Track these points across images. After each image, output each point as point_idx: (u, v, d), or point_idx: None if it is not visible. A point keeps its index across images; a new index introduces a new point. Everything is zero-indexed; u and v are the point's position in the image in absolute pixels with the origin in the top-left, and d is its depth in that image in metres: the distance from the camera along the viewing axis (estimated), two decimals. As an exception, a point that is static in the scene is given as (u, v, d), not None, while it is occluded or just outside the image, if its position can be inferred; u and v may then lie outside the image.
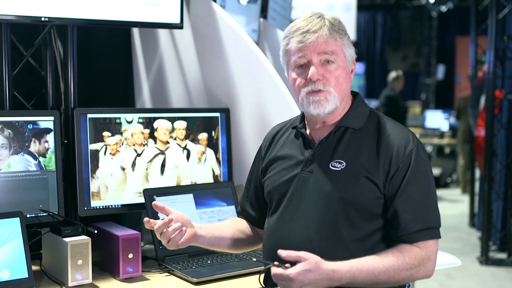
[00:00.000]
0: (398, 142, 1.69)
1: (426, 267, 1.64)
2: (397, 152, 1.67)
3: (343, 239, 1.65)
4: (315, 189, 1.70)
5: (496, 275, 5.21)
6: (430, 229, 1.66)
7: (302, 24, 1.70)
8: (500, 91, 5.57)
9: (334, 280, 1.56)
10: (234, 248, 1.92)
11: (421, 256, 1.63)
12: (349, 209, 1.65)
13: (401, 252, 1.63)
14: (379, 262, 1.60)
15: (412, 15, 14.29)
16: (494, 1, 5.37)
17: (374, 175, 1.65)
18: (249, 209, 1.96)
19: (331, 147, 1.73)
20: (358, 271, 1.58)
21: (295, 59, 1.71)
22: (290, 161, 1.79)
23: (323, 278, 1.54)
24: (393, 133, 1.71)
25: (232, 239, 1.89)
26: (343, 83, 1.71)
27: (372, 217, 1.67)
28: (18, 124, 2.09)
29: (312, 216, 1.68)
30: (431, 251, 1.65)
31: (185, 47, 2.72)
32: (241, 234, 1.93)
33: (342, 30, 1.72)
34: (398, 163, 1.66)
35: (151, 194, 2.26)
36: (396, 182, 1.66)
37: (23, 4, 2.13)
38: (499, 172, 5.64)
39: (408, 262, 1.62)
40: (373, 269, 1.59)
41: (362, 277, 1.58)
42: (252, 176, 1.97)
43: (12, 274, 1.86)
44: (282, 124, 1.94)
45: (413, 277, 1.64)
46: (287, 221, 1.73)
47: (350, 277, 1.57)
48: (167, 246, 1.72)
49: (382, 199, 1.67)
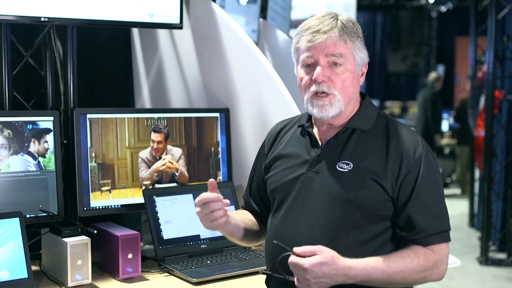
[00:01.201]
0: (407, 146, 1.68)
1: (439, 270, 1.64)
2: (407, 156, 1.66)
3: (348, 240, 1.64)
4: (321, 189, 1.69)
5: (495, 275, 5.21)
6: (442, 233, 1.66)
7: (314, 23, 1.68)
8: (499, 92, 5.57)
9: (349, 276, 1.55)
10: (245, 240, 1.89)
11: (434, 259, 1.63)
12: (355, 211, 1.64)
13: (415, 254, 1.63)
14: (395, 262, 1.60)
15: (412, 16, 14.28)
16: (493, 1, 5.38)
17: (382, 178, 1.64)
18: (254, 205, 1.94)
19: (339, 147, 1.71)
20: (374, 269, 1.57)
21: (303, 57, 1.69)
22: (296, 160, 1.77)
23: (338, 273, 1.54)
24: (402, 136, 1.70)
25: (245, 230, 1.86)
26: (349, 86, 1.69)
27: (378, 219, 1.66)
28: (17, 124, 2.09)
29: (318, 217, 1.67)
30: (443, 253, 1.65)
31: (185, 48, 2.72)
32: (253, 225, 1.91)
33: (355, 32, 1.69)
34: (408, 167, 1.65)
35: (151, 194, 2.26)
36: (407, 187, 1.65)
37: (22, 4, 2.13)
38: (499, 172, 5.65)
39: (422, 264, 1.62)
40: (388, 269, 1.58)
41: (377, 276, 1.58)
42: (255, 172, 1.94)
43: (12, 274, 1.86)
44: (287, 121, 1.92)
45: (425, 279, 1.64)
46: (291, 221, 1.72)
47: (365, 275, 1.57)
48: (204, 221, 1.70)
49: (390, 202, 1.66)
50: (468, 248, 5.99)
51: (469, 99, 7.08)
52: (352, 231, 1.64)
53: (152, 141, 2.38)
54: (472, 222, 6.88)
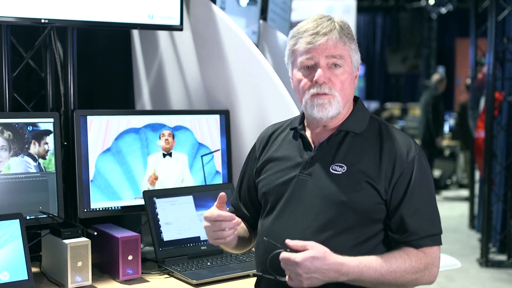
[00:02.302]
0: (400, 148, 1.68)
1: (431, 273, 1.65)
2: (400, 158, 1.66)
3: (341, 243, 1.64)
4: (314, 192, 1.69)
5: (496, 277, 5.20)
6: (434, 236, 1.67)
7: (311, 25, 1.68)
8: (499, 93, 5.57)
9: (341, 273, 1.55)
10: (238, 247, 1.89)
11: (426, 261, 1.64)
12: (349, 213, 1.64)
13: (408, 255, 1.63)
14: (387, 261, 1.60)
15: (412, 17, 14.30)
16: (493, 3, 5.38)
17: (376, 180, 1.65)
18: (244, 209, 1.93)
19: (332, 150, 1.72)
20: (366, 268, 1.57)
21: (302, 59, 1.69)
22: (288, 163, 1.77)
23: (330, 269, 1.54)
24: (395, 139, 1.71)
25: (239, 238, 1.86)
26: (347, 88, 1.70)
27: (371, 222, 1.66)
28: (18, 126, 2.09)
29: (311, 219, 1.67)
30: (435, 257, 1.66)
31: (185, 49, 2.72)
32: (244, 232, 1.91)
33: (351, 34, 1.71)
34: (401, 169, 1.65)
35: (151, 195, 2.26)
36: (400, 189, 1.65)
37: (23, 6, 2.13)
38: (499, 174, 5.64)
39: (414, 265, 1.62)
40: (380, 268, 1.59)
41: (370, 275, 1.58)
42: (245, 176, 1.93)
43: (12, 276, 1.86)
44: (278, 124, 1.92)
45: (417, 282, 1.65)
46: (283, 223, 1.71)
47: (358, 273, 1.57)
48: (210, 237, 1.72)
49: (383, 204, 1.66)
50: (468, 249, 5.98)
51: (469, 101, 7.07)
52: (345, 234, 1.64)
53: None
54: (472, 224, 6.88)
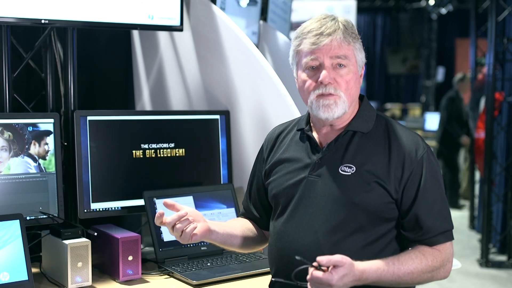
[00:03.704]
0: (409, 147, 1.68)
1: (445, 269, 1.66)
2: (409, 157, 1.66)
3: (352, 243, 1.64)
4: (323, 193, 1.68)
5: (496, 277, 5.20)
6: (447, 232, 1.67)
7: (315, 25, 1.67)
8: (500, 94, 5.57)
9: (361, 280, 1.56)
10: (244, 247, 1.90)
11: (441, 259, 1.65)
12: (360, 214, 1.64)
13: (424, 255, 1.63)
14: (405, 264, 1.61)
15: (412, 18, 14.29)
16: (493, 3, 5.38)
17: (385, 180, 1.64)
18: (254, 211, 1.94)
19: (340, 151, 1.71)
20: (385, 272, 1.58)
21: (306, 60, 1.68)
22: (296, 164, 1.76)
23: (354, 279, 1.54)
24: (402, 137, 1.70)
25: (242, 237, 1.87)
26: (352, 87, 1.69)
27: (382, 221, 1.66)
28: (18, 126, 2.09)
29: (321, 220, 1.67)
30: (449, 253, 1.67)
31: (185, 50, 2.72)
32: (250, 232, 1.91)
33: (355, 34, 1.70)
34: (411, 168, 1.65)
35: (151, 196, 2.26)
36: (412, 189, 1.65)
37: (23, 6, 2.13)
38: (499, 174, 5.64)
39: (430, 264, 1.63)
40: (398, 271, 1.59)
41: (387, 278, 1.59)
42: (254, 178, 1.94)
43: (12, 277, 1.86)
44: (285, 125, 1.91)
45: (432, 279, 1.66)
46: (294, 225, 1.71)
47: (376, 277, 1.57)
48: (180, 240, 1.70)
49: (393, 204, 1.66)
50: (468, 250, 5.98)
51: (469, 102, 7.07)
52: (356, 234, 1.65)
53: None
54: (472, 224, 6.88)
